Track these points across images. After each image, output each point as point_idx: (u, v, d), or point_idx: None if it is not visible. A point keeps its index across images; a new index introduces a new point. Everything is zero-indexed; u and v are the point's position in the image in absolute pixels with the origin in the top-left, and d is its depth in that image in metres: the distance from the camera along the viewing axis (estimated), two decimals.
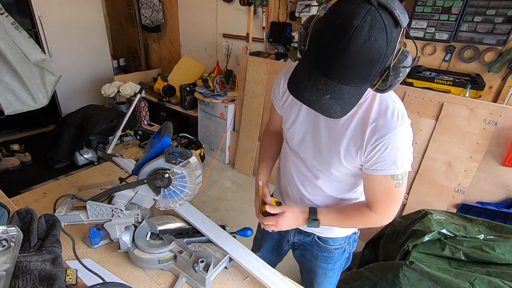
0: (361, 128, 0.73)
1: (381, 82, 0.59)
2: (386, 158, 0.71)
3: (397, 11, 0.53)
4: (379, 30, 0.53)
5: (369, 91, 0.71)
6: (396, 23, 0.54)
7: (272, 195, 1.06)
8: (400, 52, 0.57)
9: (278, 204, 0.93)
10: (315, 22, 0.61)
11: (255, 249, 1.23)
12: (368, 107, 0.73)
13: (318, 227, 0.85)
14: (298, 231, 1.05)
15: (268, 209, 0.87)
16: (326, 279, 1.07)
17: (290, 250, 1.18)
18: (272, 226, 0.86)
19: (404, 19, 0.55)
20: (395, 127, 0.69)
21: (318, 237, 1.01)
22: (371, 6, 0.52)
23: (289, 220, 0.86)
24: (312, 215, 0.85)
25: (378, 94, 0.72)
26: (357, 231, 1.05)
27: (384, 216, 0.81)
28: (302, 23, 0.64)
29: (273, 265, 1.24)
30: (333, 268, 1.05)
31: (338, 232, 0.98)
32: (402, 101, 1.99)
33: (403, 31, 0.57)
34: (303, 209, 0.88)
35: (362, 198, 0.92)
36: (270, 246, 1.18)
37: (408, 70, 0.59)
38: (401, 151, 0.71)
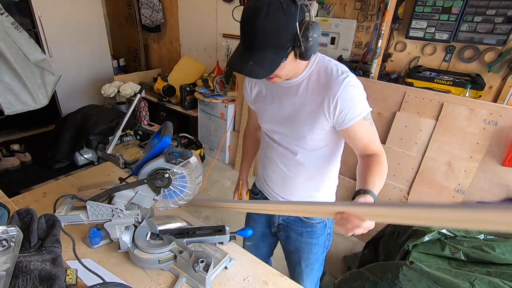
0: (317, 93, 0.87)
1: (297, 48, 0.73)
2: (350, 107, 0.83)
3: None
4: (276, 7, 0.68)
5: (312, 62, 0.87)
6: (293, 1, 0.70)
7: (253, 185, 1.24)
8: (305, 23, 0.72)
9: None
10: (241, 15, 0.76)
11: (246, 240, 1.28)
12: (317, 76, 0.87)
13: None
14: None
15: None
16: (312, 255, 1.14)
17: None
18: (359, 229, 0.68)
19: None
20: (342, 80, 0.82)
21: None
22: None
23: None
24: (368, 193, 0.75)
25: (320, 63, 0.87)
26: None
27: (382, 152, 0.89)
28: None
29: (266, 255, 1.33)
30: (317, 243, 1.12)
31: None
32: (402, 101, 2.00)
33: (301, 7, 0.71)
34: (356, 199, 0.78)
35: (337, 167, 1.05)
36: (259, 232, 1.24)
37: (318, 37, 0.74)
38: (358, 97, 0.84)
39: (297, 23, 0.71)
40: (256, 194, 1.21)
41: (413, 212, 0.54)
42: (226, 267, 0.94)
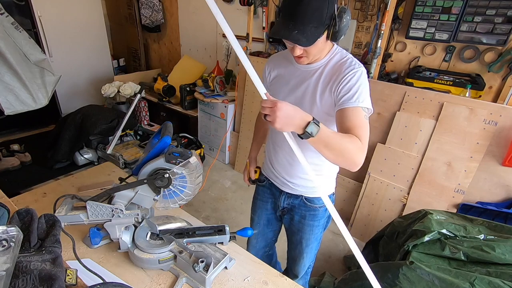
0: (330, 76, 0.96)
1: (332, 28, 0.85)
2: (349, 90, 0.90)
3: None
4: None
5: (333, 51, 0.98)
6: None
7: (260, 173, 1.33)
8: (340, 6, 0.85)
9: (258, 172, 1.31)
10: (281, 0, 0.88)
11: (253, 228, 1.34)
12: (334, 63, 0.97)
13: (315, 136, 0.77)
14: (287, 195, 1.21)
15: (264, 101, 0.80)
16: (312, 235, 1.24)
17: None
18: (268, 109, 0.76)
19: None
20: (353, 68, 0.92)
21: (305, 198, 1.18)
22: None
23: (288, 109, 0.76)
24: (315, 120, 0.78)
25: (339, 53, 0.98)
26: (333, 192, 1.22)
27: (364, 145, 0.87)
28: (276, 5, 0.94)
29: (271, 241, 1.42)
30: (318, 225, 1.22)
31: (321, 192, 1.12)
32: (402, 101, 2.01)
33: None
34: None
35: (329, 165, 1.11)
36: (265, 219, 1.33)
37: (349, 20, 0.87)
38: (360, 88, 0.90)
39: (335, 5, 0.83)
40: (262, 181, 1.30)
41: None
42: (226, 267, 0.94)
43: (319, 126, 0.77)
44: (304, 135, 0.77)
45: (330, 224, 1.29)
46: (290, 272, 1.41)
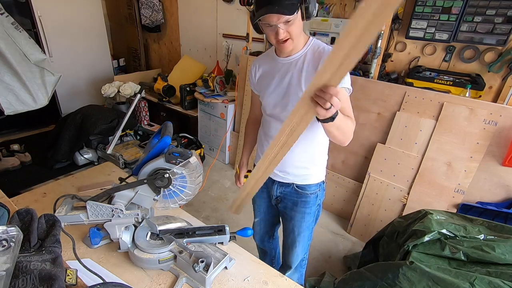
0: (312, 64, 1.03)
1: (304, 4, 0.95)
2: None
3: None
4: None
5: (309, 42, 1.06)
6: None
7: (253, 166, 1.30)
8: None
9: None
10: None
11: (254, 216, 1.48)
12: (312, 52, 1.05)
13: (335, 120, 0.85)
14: (280, 184, 1.26)
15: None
16: (304, 223, 1.29)
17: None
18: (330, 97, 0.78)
19: None
20: None
21: (297, 185, 1.23)
22: None
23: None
24: None
25: (315, 44, 1.06)
26: (324, 180, 1.28)
27: (354, 121, 1.04)
28: None
29: (273, 225, 1.50)
30: (310, 212, 1.27)
31: (312, 179, 1.22)
32: (402, 101, 2.01)
33: None
34: None
35: (326, 142, 1.20)
36: (264, 206, 1.41)
37: (316, 4, 0.99)
38: None
39: None
40: None
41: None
42: (226, 267, 0.94)
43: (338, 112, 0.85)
44: (328, 119, 0.83)
45: (320, 214, 1.35)
46: (284, 264, 1.46)
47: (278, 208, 1.37)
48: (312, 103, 0.78)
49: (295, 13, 0.94)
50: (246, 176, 1.37)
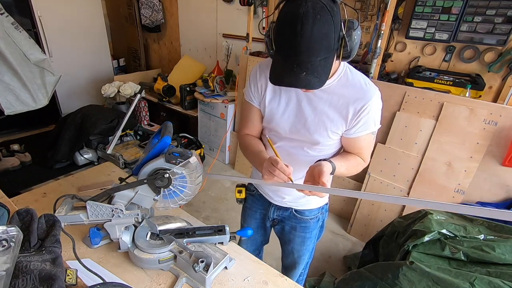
0: (343, 102, 0.87)
1: (343, 50, 0.71)
2: (368, 121, 0.88)
3: None
4: (321, 9, 0.65)
5: (341, 69, 0.86)
6: (333, 0, 0.68)
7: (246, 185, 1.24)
8: (346, 21, 0.70)
9: None
10: (273, 28, 0.73)
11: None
12: (345, 83, 0.86)
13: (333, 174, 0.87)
14: (277, 207, 1.16)
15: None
16: (304, 247, 1.20)
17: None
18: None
19: None
20: (372, 95, 0.85)
21: (295, 210, 1.12)
22: None
23: (326, 173, 0.81)
24: (333, 165, 0.86)
25: (349, 71, 0.87)
26: (327, 202, 1.19)
27: (367, 162, 1.00)
28: (264, 33, 0.77)
29: (260, 244, 1.38)
30: (310, 237, 1.17)
31: (313, 204, 1.11)
32: (402, 101, 2.00)
33: (341, 4, 0.71)
34: (318, 163, 0.84)
35: None
36: (254, 226, 1.27)
37: (359, 35, 0.72)
38: (378, 113, 0.89)
39: (341, 23, 0.69)
40: (252, 191, 1.23)
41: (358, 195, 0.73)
42: (226, 267, 0.94)
43: (335, 168, 0.84)
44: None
45: (323, 234, 1.28)
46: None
47: (273, 230, 1.27)
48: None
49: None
50: (240, 192, 1.24)
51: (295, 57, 0.69)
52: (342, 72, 0.86)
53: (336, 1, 0.68)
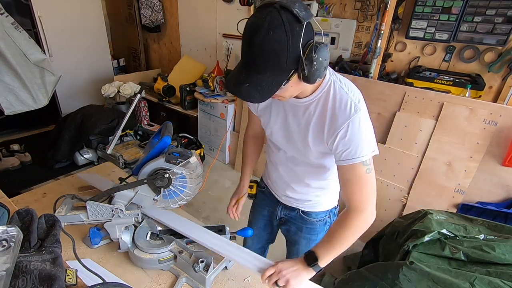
0: (320, 121, 0.83)
1: (301, 72, 0.67)
2: (348, 146, 0.79)
3: (296, 10, 0.62)
4: (278, 26, 0.62)
5: (323, 85, 0.81)
6: (297, 19, 0.62)
7: (261, 179, 1.27)
8: (310, 44, 0.65)
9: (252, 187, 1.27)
10: (243, 30, 0.70)
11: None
12: (325, 102, 0.81)
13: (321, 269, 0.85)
14: (284, 206, 1.15)
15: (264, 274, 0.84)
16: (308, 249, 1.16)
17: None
18: (274, 275, 0.83)
19: (305, 16, 0.62)
20: (348, 117, 0.77)
21: (302, 211, 1.11)
22: (273, 8, 0.63)
23: (288, 265, 0.84)
24: (310, 260, 0.85)
25: (332, 88, 0.80)
26: (337, 205, 1.14)
27: (366, 210, 0.89)
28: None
29: (266, 242, 1.39)
30: (316, 239, 1.13)
31: (320, 207, 1.09)
32: (402, 101, 2.00)
33: (307, 26, 0.64)
34: (297, 259, 0.87)
35: (332, 184, 1.04)
36: (262, 223, 1.29)
37: (324, 60, 0.67)
38: (361, 138, 0.78)
39: (300, 45, 0.63)
40: (262, 187, 1.26)
41: None
42: (226, 267, 0.94)
43: (320, 263, 0.83)
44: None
45: None
46: None
47: (280, 229, 1.27)
48: None
49: (279, 90, 0.69)
50: (251, 187, 1.29)
51: (243, 67, 0.69)
52: (325, 88, 0.81)
53: (302, 22, 0.62)
